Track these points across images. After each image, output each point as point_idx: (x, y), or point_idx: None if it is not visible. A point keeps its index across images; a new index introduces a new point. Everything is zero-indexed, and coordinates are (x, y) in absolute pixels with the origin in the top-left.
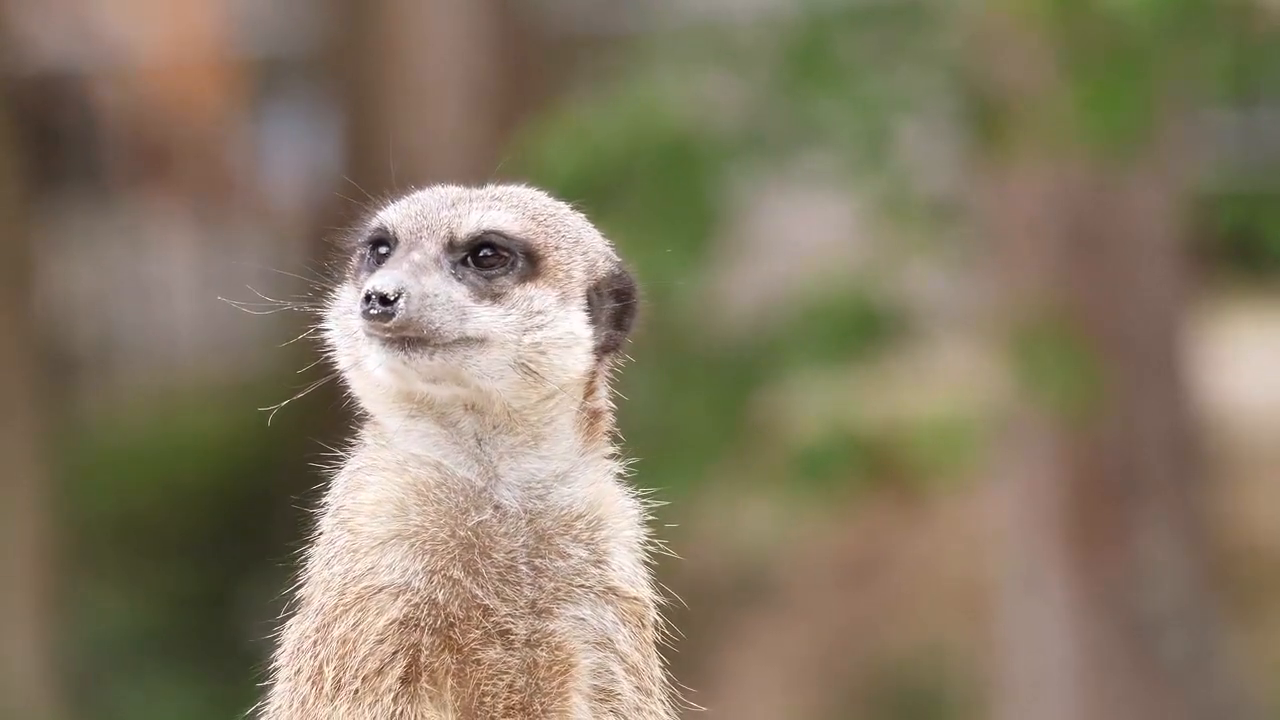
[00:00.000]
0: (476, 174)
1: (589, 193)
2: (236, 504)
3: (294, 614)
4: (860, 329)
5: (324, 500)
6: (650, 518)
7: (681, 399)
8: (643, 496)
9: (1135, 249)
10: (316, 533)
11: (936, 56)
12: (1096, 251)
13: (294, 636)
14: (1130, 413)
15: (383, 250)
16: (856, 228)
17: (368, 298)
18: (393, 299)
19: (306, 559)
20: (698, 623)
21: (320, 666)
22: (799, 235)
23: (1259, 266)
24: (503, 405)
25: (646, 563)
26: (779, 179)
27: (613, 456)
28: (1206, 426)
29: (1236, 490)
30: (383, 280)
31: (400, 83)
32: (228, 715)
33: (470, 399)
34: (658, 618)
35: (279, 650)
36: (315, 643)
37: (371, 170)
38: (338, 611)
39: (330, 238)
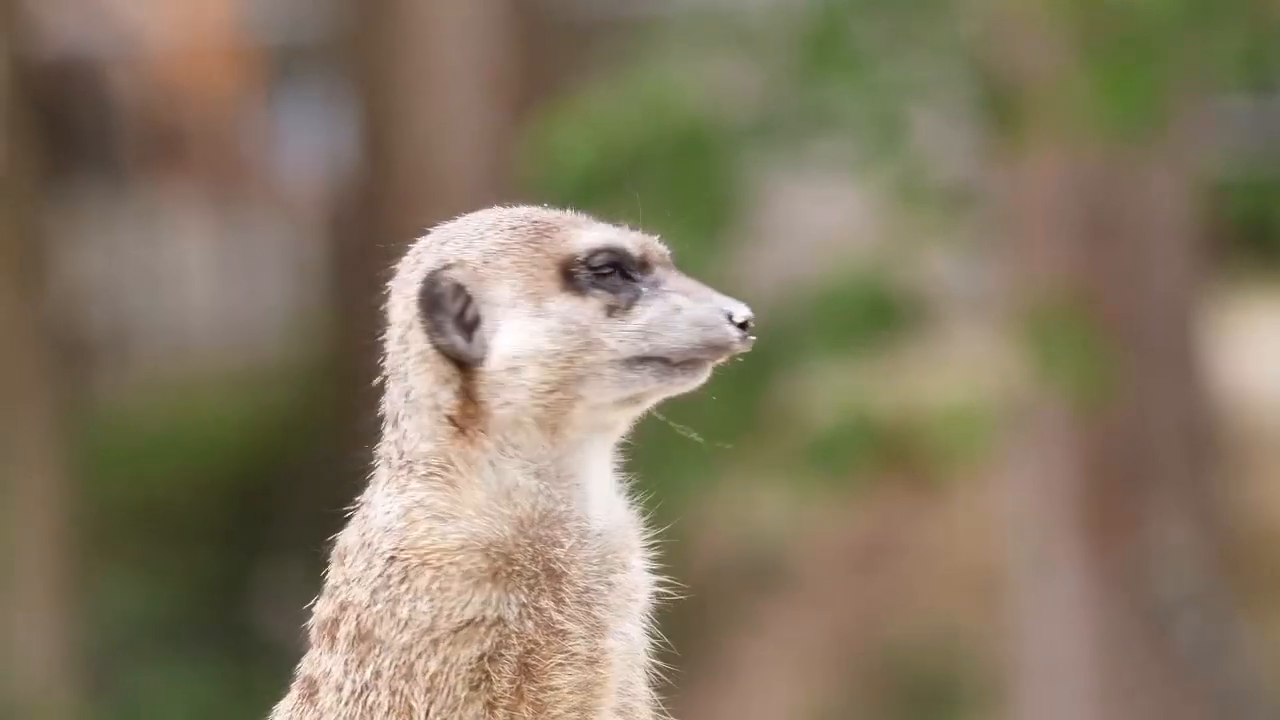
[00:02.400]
0: (492, 160)
1: (602, 180)
2: (252, 490)
3: (332, 639)
4: (875, 315)
5: (371, 529)
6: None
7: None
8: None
9: (1149, 235)
10: (368, 566)
11: (951, 43)
12: (1110, 238)
13: (352, 667)
14: (1144, 399)
15: (607, 271)
16: (871, 214)
17: (744, 324)
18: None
19: (349, 589)
20: (711, 609)
21: (407, 703)
22: (813, 222)
23: (1273, 253)
24: (628, 424)
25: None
26: (793, 166)
27: None
28: (1221, 413)
29: (1250, 476)
30: (740, 305)
31: (415, 69)
32: (243, 700)
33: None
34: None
35: (326, 678)
36: (395, 677)
37: (386, 156)
38: (423, 647)
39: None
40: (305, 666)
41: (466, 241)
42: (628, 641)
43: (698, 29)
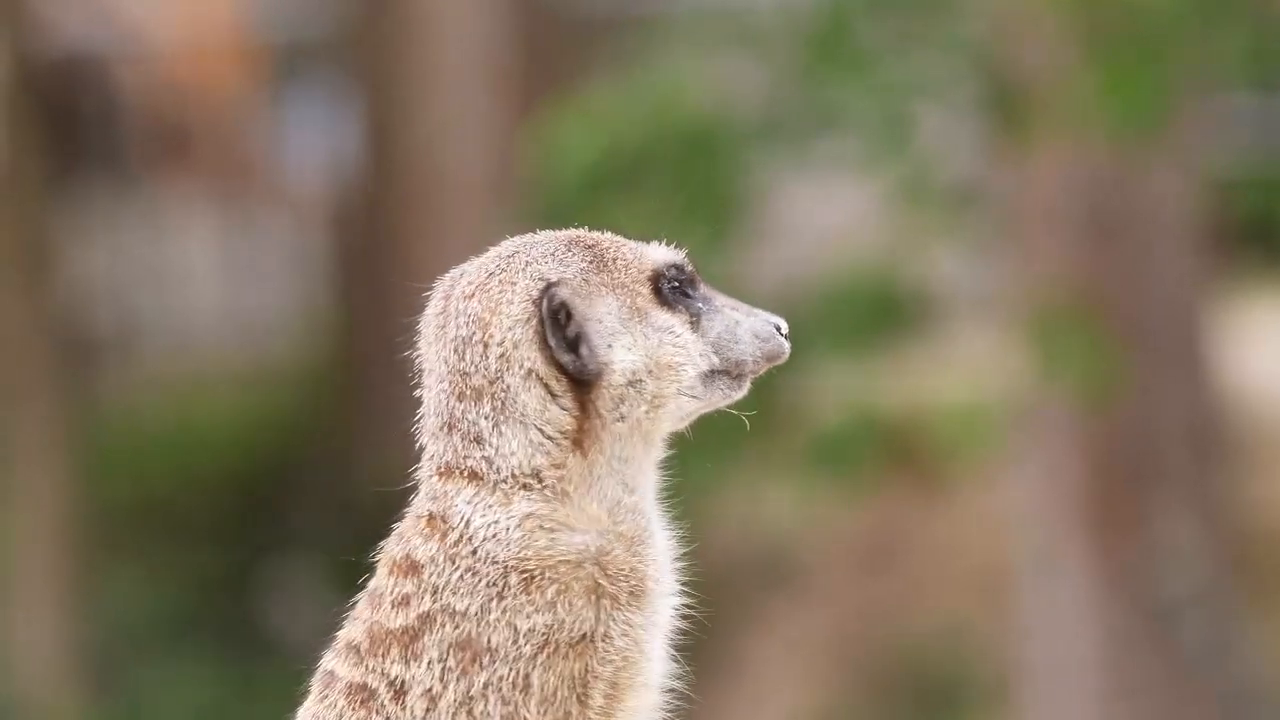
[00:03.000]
0: (497, 158)
1: (607, 179)
2: (256, 488)
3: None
4: (881, 314)
5: (474, 539)
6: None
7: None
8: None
9: (1154, 234)
10: (472, 576)
11: (956, 42)
12: (1115, 236)
13: (451, 677)
14: (1149, 397)
15: (677, 286)
16: (876, 213)
17: (786, 335)
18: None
19: (437, 598)
20: (718, 607)
21: (519, 712)
22: (818, 221)
23: (1278, 250)
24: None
25: None
26: (798, 164)
27: None
28: (1226, 411)
29: (1256, 475)
30: (779, 318)
31: (420, 67)
32: (248, 698)
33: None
34: None
35: (411, 686)
36: (511, 688)
37: (391, 154)
38: (543, 659)
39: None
40: (350, 672)
41: (558, 261)
42: (664, 664)
43: (703, 27)
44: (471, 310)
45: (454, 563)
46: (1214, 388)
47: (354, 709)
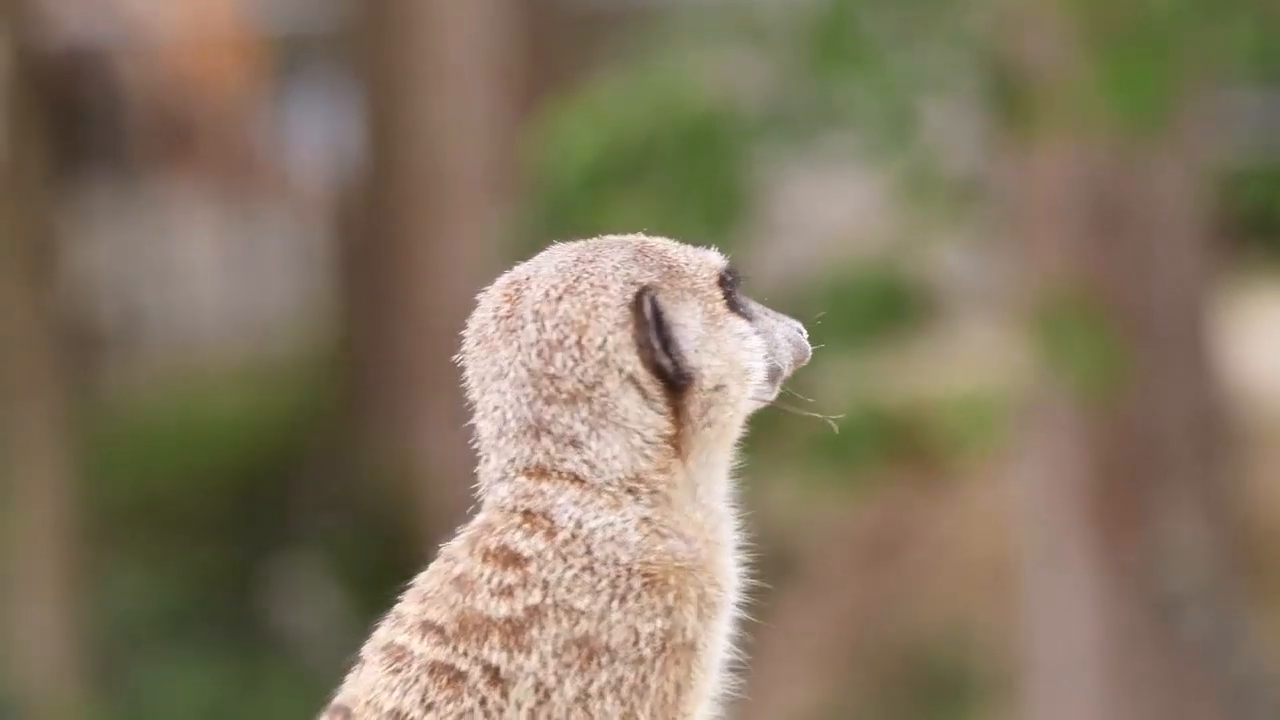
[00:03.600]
0: (499, 153)
1: (610, 173)
2: (259, 482)
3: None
4: (884, 307)
5: (592, 539)
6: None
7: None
8: None
9: (1158, 227)
10: (590, 575)
11: (960, 35)
12: (1120, 230)
13: (566, 673)
14: (1153, 391)
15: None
16: (880, 207)
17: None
18: None
19: (547, 593)
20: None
21: (635, 713)
22: (823, 215)
23: None
24: None
25: None
26: (803, 159)
27: None
28: (1230, 405)
29: (1260, 469)
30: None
31: (422, 61)
32: (252, 693)
33: None
34: None
35: (519, 677)
36: (631, 691)
37: (393, 149)
38: (660, 664)
39: None
40: (433, 651)
41: (641, 265)
42: (720, 676)
43: (706, 21)
44: (563, 313)
45: (566, 561)
46: (1218, 382)
47: (439, 687)
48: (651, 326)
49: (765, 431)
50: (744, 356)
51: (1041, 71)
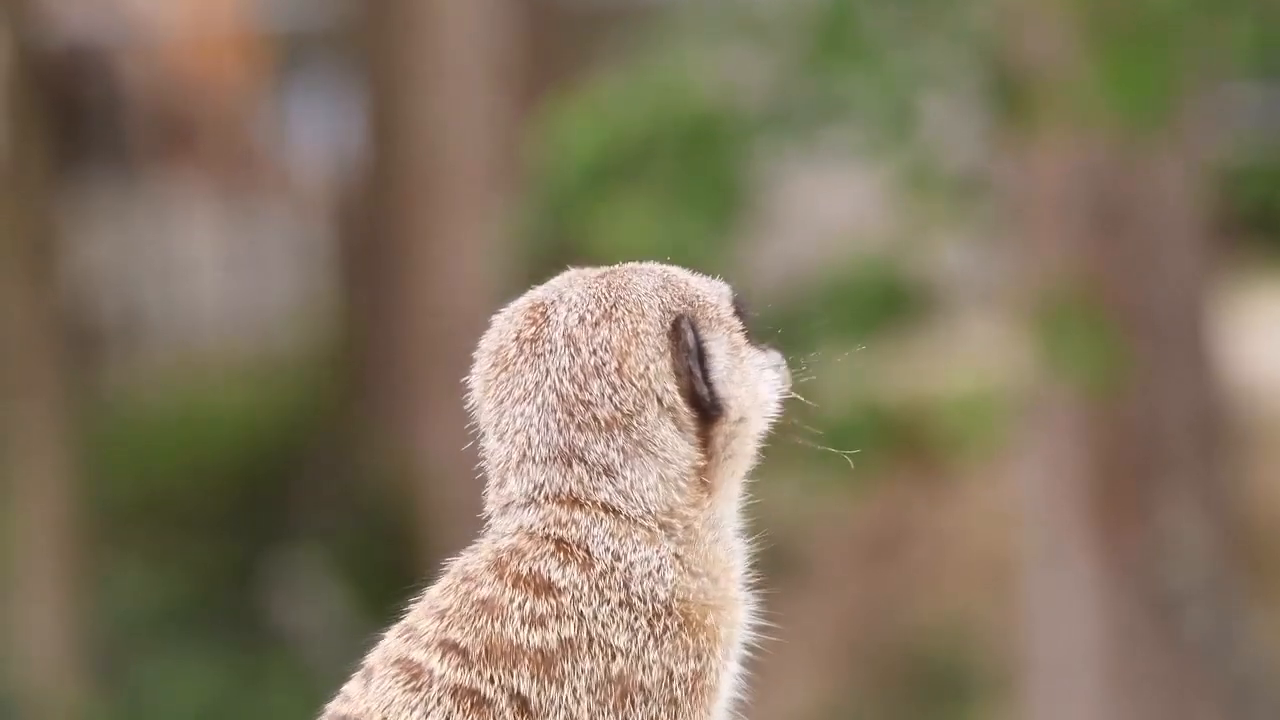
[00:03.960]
0: (500, 149)
1: (611, 169)
2: (259, 480)
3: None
4: (885, 304)
5: (629, 575)
6: None
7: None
8: None
9: (1159, 224)
10: (627, 611)
11: (961, 31)
12: (1120, 227)
13: (600, 711)
14: (1154, 388)
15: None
16: (881, 203)
17: None
18: None
19: (583, 626)
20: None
21: None
22: (824, 212)
23: None
24: None
25: None
26: (803, 154)
27: None
28: (1231, 402)
29: (1261, 466)
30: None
31: (423, 58)
32: (253, 689)
33: None
34: None
35: (550, 709)
36: None
37: (394, 146)
38: (689, 705)
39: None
40: (456, 675)
41: (672, 293)
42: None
43: (707, 18)
44: (602, 338)
45: (602, 594)
46: (1219, 380)
47: (464, 712)
48: (692, 355)
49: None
50: (764, 389)
51: (1042, 68)
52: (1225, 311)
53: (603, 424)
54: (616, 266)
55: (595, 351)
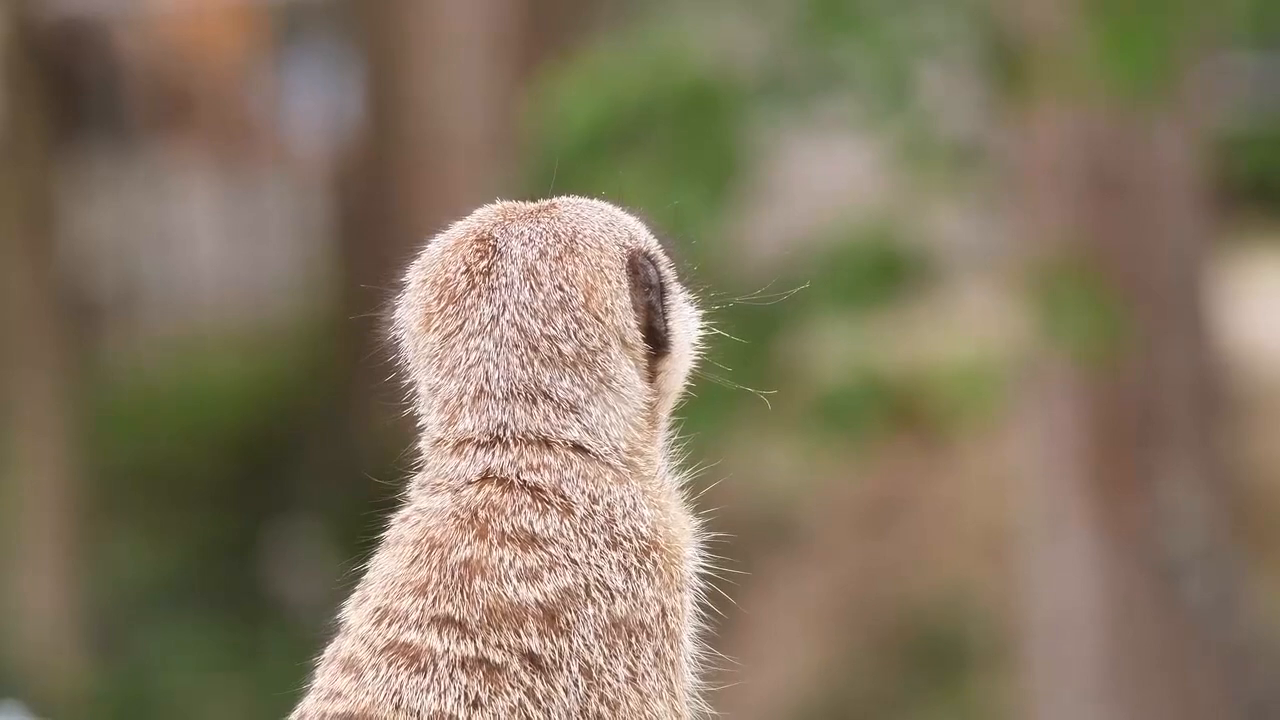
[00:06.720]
0: (497, 119)
1: (607, 139)
2: (259, 451)
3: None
4: (883, 273)
5: (612, 515)
6: None
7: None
8: None
9: (1157, 192)
10: (617, 552)
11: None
12: (1118, 195)
13: (615, 653)
14: (1152, 356)
15: None
16: (878, 172)
17: None
18: None
19: (578, 572)
20: (719, 568)
21: (672, 689)
22: (821, 180)
23: None
24: None
25: None
26: (800, 123)
27: None
28: (1229, 370)
29: (1260, 433)
30: None
31: (421, 28)
32: (252, 660)
33: None
34: None
35: (560, 662)
36: (667, 666)
37: (392, 116)
38: (681, 637)
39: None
40: (458, 647)
41: (620, 229)
42: None
43: None
44: (567, 272)
45: (589, 539)
46: (1217, 345)
47: (480, 683)
48: (656, 292)
49: (761, 399)
50: (692, 327)
51: (1040, 36)
52: (1223, 279)
53: (568, 360)
54: (553, 200)
55: (560, 286)
